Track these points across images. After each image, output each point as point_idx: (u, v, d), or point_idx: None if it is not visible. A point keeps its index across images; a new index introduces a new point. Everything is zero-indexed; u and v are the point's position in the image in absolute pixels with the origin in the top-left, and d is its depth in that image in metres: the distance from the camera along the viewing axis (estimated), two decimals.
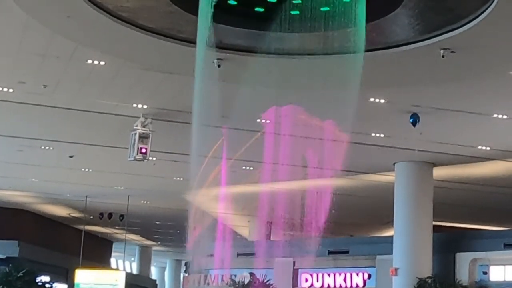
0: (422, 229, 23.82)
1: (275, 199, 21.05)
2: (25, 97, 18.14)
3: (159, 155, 22.34)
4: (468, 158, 22.97)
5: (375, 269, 26.68)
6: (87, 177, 28.31)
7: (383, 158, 23.39)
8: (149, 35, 13.70)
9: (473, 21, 12.51)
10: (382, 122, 19.55)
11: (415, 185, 24.00)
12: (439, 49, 13.58)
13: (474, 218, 34.06)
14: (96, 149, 23.35)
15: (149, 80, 16.90)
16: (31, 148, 23.62)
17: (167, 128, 19.72)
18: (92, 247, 40.44)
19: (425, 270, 23.48)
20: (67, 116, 19.68)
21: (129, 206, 33.99)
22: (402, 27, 13.48)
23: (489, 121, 19.00)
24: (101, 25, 13.21)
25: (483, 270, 25.32)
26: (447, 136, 20.83)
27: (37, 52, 15.14)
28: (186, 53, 13.70)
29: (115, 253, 51.32)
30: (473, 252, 25.23)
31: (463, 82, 15.88)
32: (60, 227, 41.64)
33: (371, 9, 11.90)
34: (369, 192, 28.09)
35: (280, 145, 18.18)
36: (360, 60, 12.49)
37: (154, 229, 44.64)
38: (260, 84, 15.29)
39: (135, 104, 18.58)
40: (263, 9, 12.46)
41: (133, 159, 19.10)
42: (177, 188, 27.37)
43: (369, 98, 17.09)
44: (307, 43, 13.52)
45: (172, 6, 12.58)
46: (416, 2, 12.24)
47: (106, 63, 15.65)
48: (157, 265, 66.57)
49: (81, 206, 34.90)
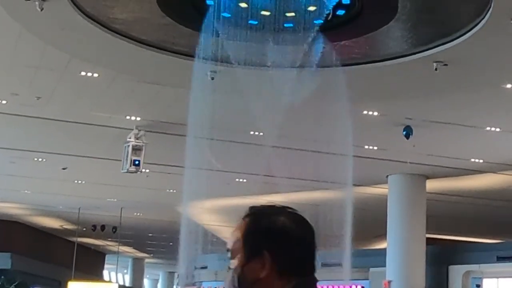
0: (415, 242, 23.83)
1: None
2: (18, 109, 18.11)
3: (152, 167, 22.31)
4: (461, 171, 23.00)
5: (368, 282, 26.66)
6: (80, 189, 28.25)
7: (376, 171, 23.39)
8: (143, 47, 13.71)
9: (466, 34, 12.55)
10: (375, 134, 19.57)
11: (408, 198, 24.01)
12: (432, 62, 13.60)
13: (468, 231, 34.08)
14: (89, 161, 23.32)
15: (143, 92, 16.90)
16: (23, 160, 23.57)
17: (161, 140, 19.71)
18: (84, 259, 40.34)
19: (418, 283, 23.47)
20: (60, 128, 19.65)
21: (122, 218, 33.92)
22: (395, 40, 13.52)
23: (482, 134, 19.03)
24: (94, 37, 13.21)
25: (476, 283, 25.33)
26: (440, 149, 20.85)
27: (31, 64, 15.12)
28: (180, 65, 13.72)
29: (108, 265, 51.24)
30: (467, 265, 25.26)
31: (456, 95, 15.91)
32: (53, 239, 41.55)
33: (364, 22, 11.93)
34: (362, 204, 28.05)
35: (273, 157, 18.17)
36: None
37: (147, 241, 44.58)
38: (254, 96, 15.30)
39: (128, 116, 18.58)
40: (256, 21, 12.48)
41: (126, 171, 19.07)
42: (170, 200, 27.34)
43: (362, 111, 17.11)
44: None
45: (166, 18, 12.60)
46: (409, 15, 12.28)
47: (100, 75, 15.65)
48: (150, 277, 66.52)
49: (74, 218, 34.82)
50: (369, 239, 35.41)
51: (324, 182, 19.17)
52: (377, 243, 35.42)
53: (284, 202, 2.83)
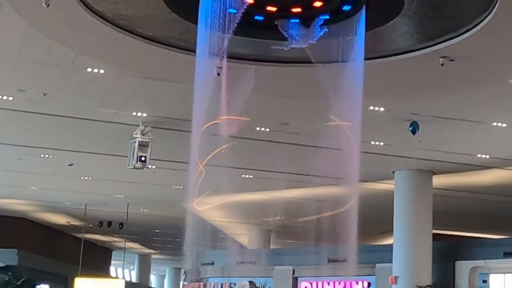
0: (421, 238, 23.81)
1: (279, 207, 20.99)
2: (24, 105, 18.14)
3: (159, 163, 22.34)
4: (467, 166, 22.98)
5: (374, 278, 26.65)
6: (86, 185, 28.29)
7: (382, 167, 23.37)
8: (149, 43, 13.70)
9: (473, 30, 12.52)
10: (381, 130, 19.55)
11: (415, 193, 23.99)
12: (439, 58, 13.58)
13: (474, 226, 34.05)
14: (96, 157, 23.35)
15: (149, 88, 16.90)
16: (30, 156, 23.61)
17: (167, 136, 19.72)
18: (91, 255, 40.40)
19: (424, 279, 23.46)
20: (67, 124, 19.68)
21: (129, 214, 33.97)
22: (402, 35, 13.48)
23: (489, 129, 19.00)
24: (100, 33, 13.21)
25: (483, 279, 25.29)
26: (446, 145, 20.83)
27: (37, 61, 15.14)
28: (186, 61, 13.70)
29: (115, 261, 51.32)
30: (473, 261, 25.21)
31: (463, 90, 15.88)
32: (60, 235, 41.64)
33: (370, 18, 11.91)
34: (368, 200, 28.03)
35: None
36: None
37: (153, 237, 44.63)
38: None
39: (134, 112, 18.59)
40: (262, 17, 12.46)
41: (133, 167, 19.10)
42: (176, 196, 27.36)
43: (368, 106, 17.09)
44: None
45: (172, 14, 12.59)
46: (415, 10, 12.25)
47: (106, 72, 15.66)
48: (156, 273, 66.58)
49: (80, 214, 34.87)
50: (375, 235, 35.42)
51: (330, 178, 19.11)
52: (384, 239, 35.43)
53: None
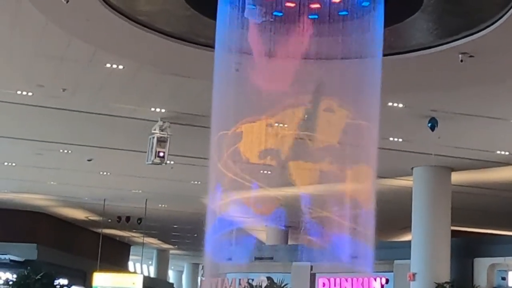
0: (440, 234, 23.73)
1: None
2: (43, 101, 18.23)
3: (177, 159, 22.39)
4: (486, 163, 22.88)
5: (393, 274, 26.58)
6: (105, 180, 28.40)
7: (401, 163, 23.32)
8: (167, 39, 13.72)
9: (492, 26, 12.45)
10: (400, 126, 19.50)
11: (433, 190, 23.91)
12: (458, 54, 13.51)
13: (493, 223, 33.90)
14: (115, 152, 23.43)
15: (167, 84, 16.94)
16: (49, 152, 23.72)
17: (185, 132, 19.75)
18: (110, 250, 40.59)
19: (443, 275, 23.38)
20: (86, 120, 19.75)
21: (147, 209, 34.06)
22: (421, 31, 13.44)
23: (508, 125, 18.91)
24: (119, 29, 13.25)
25: (502, 276, 25.16)
26: (465, 141, 20.75)
27: (56, 56, 15.20)
28: (204, 57, 13.71)
29: (133, 257, 51.53)
30: (492, 258, 25.08)
31: (482, 86, 15.82)
32: (78, 230, 41.83)
33: (389, 13, 11.87)
34: (386, 196, 28.00)
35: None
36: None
37: (171, 232, 44.72)
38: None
39: (153, 108, 18.63)
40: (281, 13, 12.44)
41: (151, 163, 19.14)
42: (194, 192, 27.41)
43: (387, 103, 17.05)
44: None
45: (190, 10, 12.59)
46: (435, 6, 12.20)
47: (125, 67, 15.70)
48: (174, 269, 66.77)
49: (99, 210, 35.03)
50: (393, 231, 35.34)
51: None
52: (402, 235, 35.34)
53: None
